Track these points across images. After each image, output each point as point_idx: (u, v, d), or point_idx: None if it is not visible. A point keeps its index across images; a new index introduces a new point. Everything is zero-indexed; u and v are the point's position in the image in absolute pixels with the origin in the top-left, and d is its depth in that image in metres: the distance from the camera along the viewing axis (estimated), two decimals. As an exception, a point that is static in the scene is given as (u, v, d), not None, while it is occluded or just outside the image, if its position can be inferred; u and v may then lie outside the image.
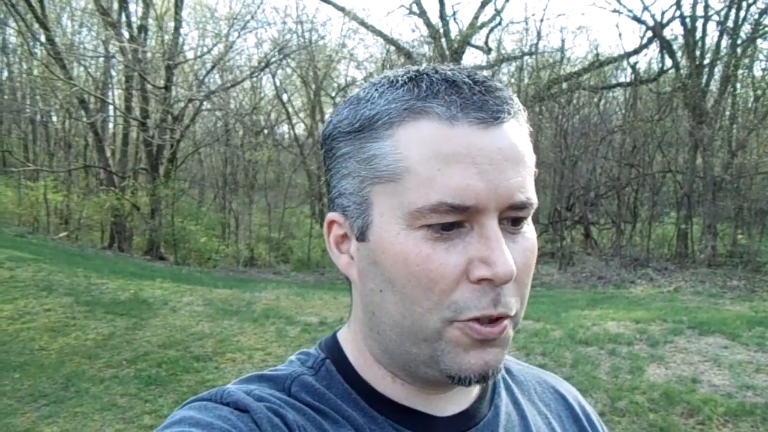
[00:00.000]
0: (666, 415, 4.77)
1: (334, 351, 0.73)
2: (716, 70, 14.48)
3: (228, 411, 0.62)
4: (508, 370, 0.82)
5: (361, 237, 0.65)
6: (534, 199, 0.62)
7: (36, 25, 16.29)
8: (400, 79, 0.64)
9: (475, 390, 0.73)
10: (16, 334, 6.73)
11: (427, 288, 0.60)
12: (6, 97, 21.28)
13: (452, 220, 0.59)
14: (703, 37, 14.34)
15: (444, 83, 0.62)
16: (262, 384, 0.68)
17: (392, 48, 17.77)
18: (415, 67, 0.65)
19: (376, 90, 0.64)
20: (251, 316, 7.73)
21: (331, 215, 0.69)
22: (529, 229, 0.64)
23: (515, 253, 0.61)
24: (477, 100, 0.60)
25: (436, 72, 0.63)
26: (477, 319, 0.60)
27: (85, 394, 5.29)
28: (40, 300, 7.88)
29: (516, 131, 0.62)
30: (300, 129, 21.85)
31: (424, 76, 0.63)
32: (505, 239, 0.60)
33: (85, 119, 17.40)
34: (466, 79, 0.62)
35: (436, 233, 0.59)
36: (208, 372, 5.88)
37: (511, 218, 0.62)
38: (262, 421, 0.61)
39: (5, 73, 22.27)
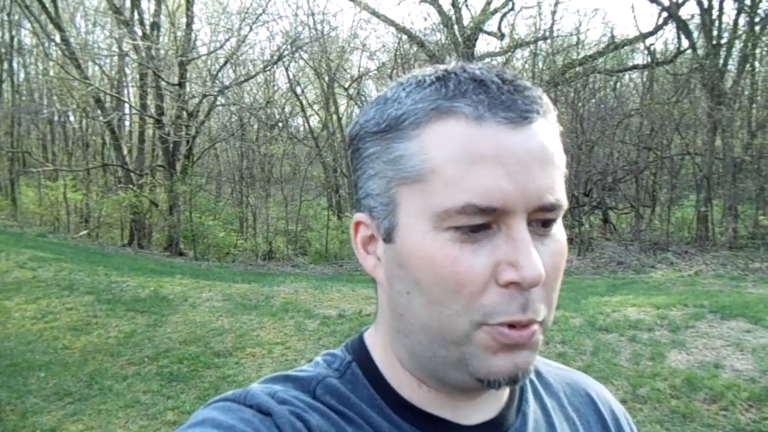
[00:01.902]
0: (688, 401, 4.73)
1: (360, 353, 0.72)
2: (734, 49, 14.24)
3: (251, 414, 0.61)
4: (536, 372, 0.80)
5: (388, 238, 0.64)
6: (563, 201, 0.61)
7: (50, 26, 16.44)
8: (427, 78, 0.63)
9: (503, 397, 0.72)
10: (40, 333, 6.83)
11: (454, 291, 0.59)
12: (24, 98, 21.53)
13: (480, 222, 0.58)
14: (720, 16, 14.07)
15: (472, 82, 0.60)
16: (287, 385, 0.68)
17: (405, 37, 17.68)
18: (444, 66, 0.64)
19: (404, 90, 0.63)
20: (270, 310, 7.77)
21: (357, 216, 0.69)
22: (558, 231, 0.63)
23: (544, 255, 0.60)
24: (506, 99, 0.59)
25: (465, 71, 0.62)
26: (507, 324, 0.59)
27: (109, 392, 5.36)
28: (62, 299, 7.99)
29: (545, 131, 0.61)
30: (314, 121, 21.88)
31: (452, 75, 0.62)
32: (534, 241, 0.59)
33: (101, 118, 17.56)
34: (495, 78, 0.61)
35: (464, 234, 0.58)
36: (228, 367, 5.93)
37: (540, 220, 0.61)
38: (284, 425, 0.60)
39: (22, 74, 22.53)
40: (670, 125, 14.87)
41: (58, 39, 16.53)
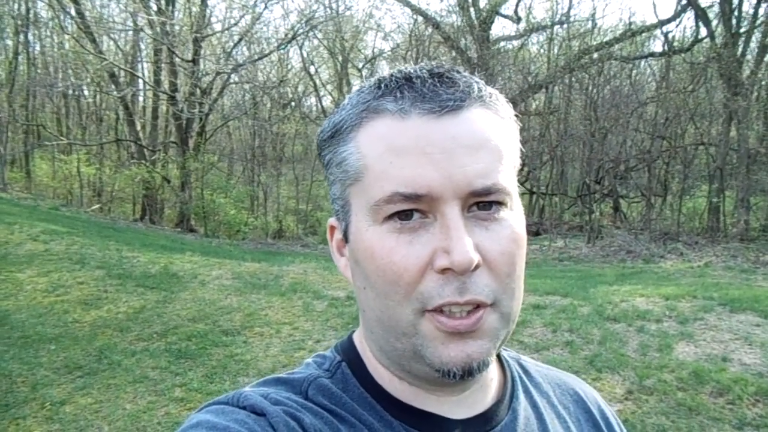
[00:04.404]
0: (695, 394, 4.73)
1: (349, 353, 0.74)
2: (753, 38, 14.06)
3: (245, 415, 0.62)
4: (526, 372, 0.82)
5: (346, 238, 0.68)
6: (504, 184, 0.62)
7: (65, -1, 16.42)
8: (367, 84, 0.67)
9: (492, 393, 0.73)
10: (51, 306, 6.90)
11: (393, 281, 0.61)
12: (39, 71, 21.55)
13: (407, 208, 0.60)
14: (739, 5, 13.87)
15: (401, 81, 0.64)
16: (278, 387, 0.69)
17: (420, 18, 17.55)
18: (388, 72, 0.67)
19: (349, 97, 0.68)
20: (279, 290, 7.80)
21: (330, 221, 0.73)
22: (510, 216, 0.63)
23: (488, 240, 0.61)
24: (427, 92, 0.62)
25: (400, 72, 0.65)
26: (444, 311, 0.60)
27: (118, 367, 5.42)
28: (73, 273, 8.05)
29: (480, 118, 0.63)
30: (327, 101, 21.84)
31: (387, 77, 0.65)
32: (476, 227, 0.61)
33: (115, 93, 17.58)
34: (422, 74, 0.64)
35: (400, 225, 0.61)
36: (236, 346, 5.97)
37: (481, 204, 0.61)
38: (278, 424, 0.61)
39: (38, 47, 22.54)
40: (685, 114, 14.74)
41: (73, 12, 16.51)
